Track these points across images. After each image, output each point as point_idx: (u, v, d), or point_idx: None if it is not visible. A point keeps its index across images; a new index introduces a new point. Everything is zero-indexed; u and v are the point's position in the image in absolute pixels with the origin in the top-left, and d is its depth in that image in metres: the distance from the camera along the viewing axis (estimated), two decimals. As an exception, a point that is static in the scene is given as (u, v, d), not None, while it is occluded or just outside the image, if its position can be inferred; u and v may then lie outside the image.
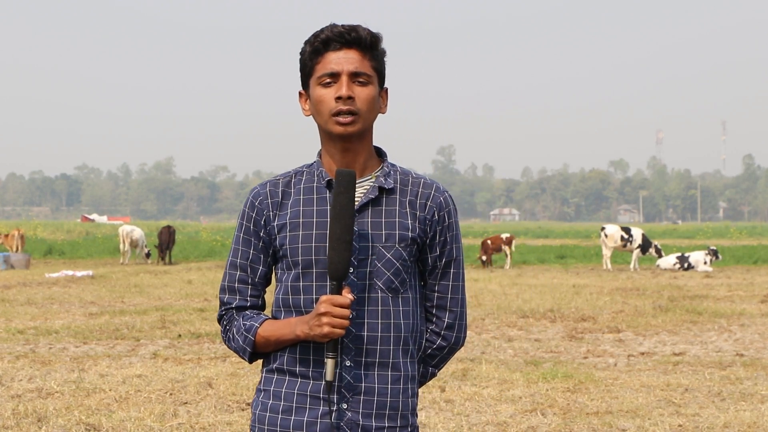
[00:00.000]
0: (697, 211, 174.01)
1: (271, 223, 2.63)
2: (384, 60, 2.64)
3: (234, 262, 2.68)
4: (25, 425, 6.92)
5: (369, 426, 2.55)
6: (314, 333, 2.48)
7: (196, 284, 20.59)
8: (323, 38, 2.57)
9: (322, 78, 2.57)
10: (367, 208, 2.59)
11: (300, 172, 2.67)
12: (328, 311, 2.45)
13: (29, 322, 13.33)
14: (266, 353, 2.64)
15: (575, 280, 22.59)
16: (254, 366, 9.47)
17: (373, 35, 2.59)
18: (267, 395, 2.61)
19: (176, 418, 7.20)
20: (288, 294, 2.60)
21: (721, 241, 51.68)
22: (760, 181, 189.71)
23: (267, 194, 2.65)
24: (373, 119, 2.62)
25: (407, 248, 2.59)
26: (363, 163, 2.62)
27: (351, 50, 2.56)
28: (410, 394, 2.62)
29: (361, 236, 2.56)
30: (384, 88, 2.66)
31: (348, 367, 2.55)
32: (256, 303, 2.68)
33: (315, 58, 2.58)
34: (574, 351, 10.93)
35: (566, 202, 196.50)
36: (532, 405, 7.74)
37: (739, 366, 9.76)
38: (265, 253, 2.66)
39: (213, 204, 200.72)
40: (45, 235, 55.44)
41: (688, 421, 7.20)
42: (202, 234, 55.98)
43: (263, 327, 2.60)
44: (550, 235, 66.43)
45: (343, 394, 2.54)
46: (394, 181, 2.63)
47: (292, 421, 2.56)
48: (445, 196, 2.66)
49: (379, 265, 2.57)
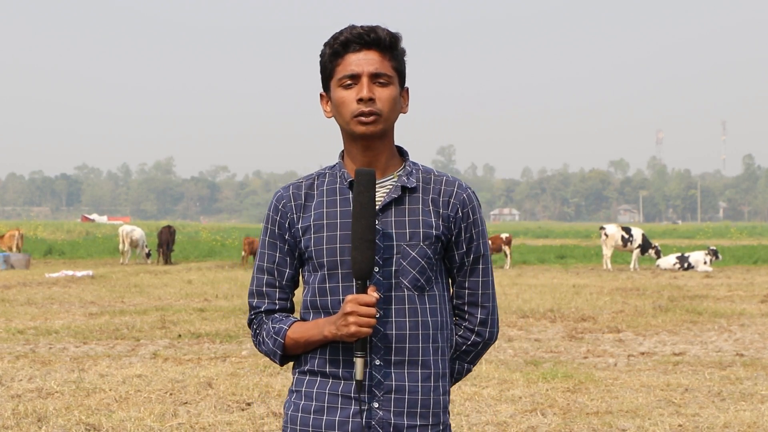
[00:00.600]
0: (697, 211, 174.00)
1: (295, 226, 2.64)
2: (404, 60, 2.65)
3: (261, 266, 2.69)
4: (25, 425, 6.92)
5: (401, 424, 2.57)
6: (341, 333, 2.50)
7: (196, 284, 20.59)
8: (342, 40, 2.57)
9: (343, 80, 2.57)
10: (391, 208, 2.60)
11: (323, 174, 2.68)
12: (354, 310, 2.47)
13: (29, 322, 13.33)
14: (297, 355, 2.65)
15: (575, 280, 22.59)
16: (254, 366, 9.47)
17: (392, 35, 2.59)
18: (299, 396, 2.63)
19: (176, 418, 7.20)
20: (315, 295, 2.61)
21: (721, 241, 51.69)
22: (760, 181, 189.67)
23: (290, 197, 2.66)
24: (395, 119, 2.63)
25: (432, 246, 2.60)
26: (385, 162, 2.63)
27: (371, 51, 2.57)
28: (441, 391, 2.63)
29: (385, 235, 2.58)
30: (405, 87, 2.67)
31: (377, 366, 2.56)
32: (284, 306, 2.70)
33: (335, 60, 2.59)
34: (574, 351, 10.93)
35: (566, 202, 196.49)
36: (532, 405, 7.74)
37: (739, 366, 9.76)
38: (291, 256, 2.67)
39: (213, 204, 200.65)
40: (45, 235, 55.45)
41: (688, 421, 7.20)
42: (202, 234, 56.01)
43: (292, 329, 2.62)
44: (550, 235, 66.44)
45: (373, 393, 2.56)
46: (417, 180, 2.64)
47: (324, 421, 2.57)
48: (468, 192, 2.67)
49: (405, 264, 2.58)
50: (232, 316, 13.98)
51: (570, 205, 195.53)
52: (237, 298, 17.25)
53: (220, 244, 41.99)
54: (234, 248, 37.88)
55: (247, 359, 10.00)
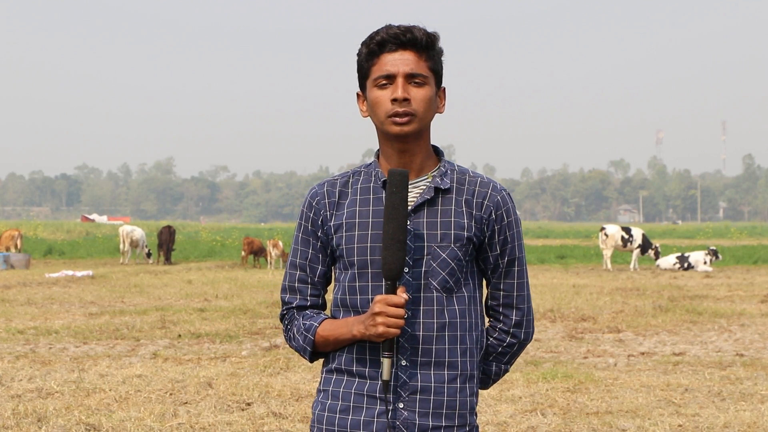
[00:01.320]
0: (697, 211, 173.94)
1: (328, 223, 2.65)
2: (441, 59, 2.63)
3: (294, 262, 2.70)
4: (25, 425, 6.92)
5: (426, 425, 2.57)
6: (370, 333, 2.51)
7: (196, 284, 20.59)
8: (378, 40, 2.57)
9: (378, 80, 2.57)
10: (423, 208, 2.60)
11: (357, 172, 2.69)
12: (382, 311, 2.48)
13: (29, 322, 13.33)
14: (326, 352, 2.66)
15: (575, 280, 22.59)
16: (254, 366, 9.47)
17: (429, 35, 2.59)
18: (326, 395, 2.64)
19: (176, 418, 7.20)
20: (345, 294, 2.62)
21: (721, 241, 51.69)
22: (760, 181, 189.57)
23: (324, 194, 2.67)
24: (430, 119, 2.62)
25: (463, 248, 2.60)
26: (420, 163, 2.63)
27: (407, 51, 2.57)
28: (468, 393, 2.63)
29: (416, 236, 2.57)
30: (441, 87, 2.66)
31: (404, 366, 2.56)
32: (316, 302, 2.71)
33: (371, 59, 2.59)
34: (574, 351, 10.93)
35: (566, 202, 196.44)
36: (532, 405, 7.74)
37: (739, 366, 9.76)
38: (324, 253, 2.68)
39: (213, 204, 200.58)
40: (45, 235, 55.45)
41: (688, 421, 7.20)
42: (202, 234, 56.01)
43: (322, 326, 2.63)
44: (550, 235, 66.43)
45: (399, 393, 2.56)
46: (451, 181, 2.63)
47: (350, 421, 2.58)
48: (503, 194, 2.66)
49: (435, 265, 2.58)
50: (232, 316, 13.98)
51: (570, 205, 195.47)
52: (237, 298, 17.26)
53: (220, 244, 41.99)
54: (234, 248, 37.87)
55: (247, 359, 10.00)
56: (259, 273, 25.39)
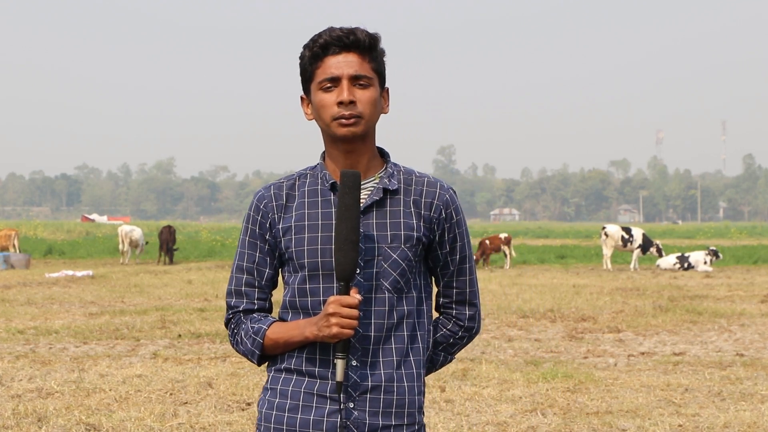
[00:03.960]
0: (697, 211, 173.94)
1: (276, 226, 2.64)
2: (384, 60, 2.65)
3: (240, 266, 2.69)
4: (25, 425, 6.92)
5: (376, 424, 2.58)
6: (323, 334, 2.50)
7: (196, 284, 20.59)
8: (322, 43, 2.57)
9: (323, 83, 2.57)
10: (372, 210, 2.60)
11: (303, 175, 2.68)
12: (336, 312, 2.47)
13: (29, 322, 13.33)
14: (274, 355, 2.65)
15: (575, 280, 22.59)
16: (254, 366, 9.47)
17: (371, 37, 2.59)
18: (274, 394, 2.63)
19: (176, 418, 7.20)
20: (295, 296, 2.62)
21: (721, 241, 51.67)
22: (760, 181, 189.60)
23: (271, 197, 2.66)
24: (376, 120, 2.63)
25: (413, 248, 2.61)
26: (366, 164, 2.63)
27: (350, 53, 2.57)
28: (417, 391, 2.64)
29: (366, 237, 2.58)
30: (385, 88, 2.67)
31: (354, 366, 2.57)
32: (263, 306, 2.70)
33: (315, 62, 2.59)
34: (574, 351, 10.93)
35: (566, 202, 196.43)
36: (532, 405, 7.74)
37: (739, 366, 9.76)
38: (272, 256, 2.67)
39: (213, 204, 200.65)
40: (45, 235, 55.43)
41: (688, 421, 7.20)
42: (202, 234, 56.01)
43: (271, 329, 2.62)
44: (550, 235, 66.42)
45: (349, 393, 2.57)
46: (398, 182, 2.64)
47: (299, 420, 2.58)
48: (450, 193, 2.68)
49: (386, 266, 2.58)
50: (232, 316, 13.97)
51: (570, 205, 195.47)
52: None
53: (220, 244, 41.97)
54: (234, 248, 37.87)
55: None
56: (259, 273, 25.36)
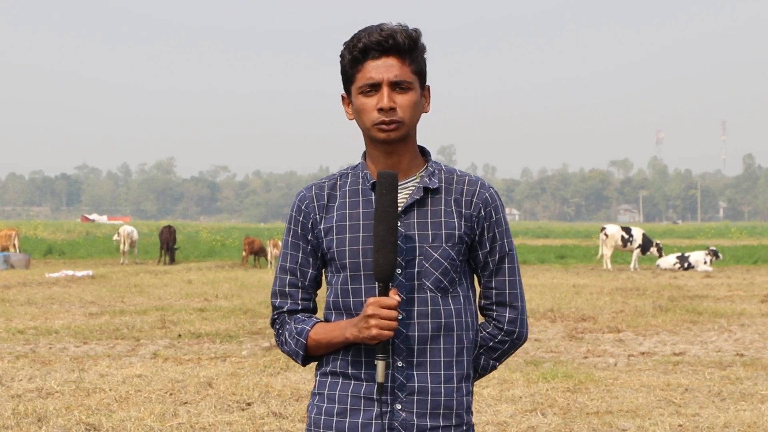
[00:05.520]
0: (697, 211, 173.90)
1: (318, 226, 2.63)
2: (424, 58, 2.62)
3: (284, 266, 2.68)
4: (25, 425, 6.92)
5: (424, 425, 2.56)
6: (363, 335, 2.49)
7: (196, 284, 20.59)
8: (361, 47, 2.55)
9: (363, 87, 2.56)
10: (413, 209, 2.59)
11: (345, 174, 2.67)
12: (375, 313, 2.47)
13: (29, 322, 13.33)
14: (319, 356, 2.65)
15: (575, 280, 22.58)
16: (254, 366, 9.47)
17: (411, 39, 2.56)
18: (321, 398, 2.63)
19: (176, 418, 7.20)
20: (338, 297, 2.61)
21: (721, 241, 51.67)
22: (760, 181, 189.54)
23: (313, 197, 2.65)
24: (417, 122, 2.61)
25: (455, 247, 2.59)
26: (407, 164, 2.62)
27: (390, 57, 2.55)
28: (464, 392, 2.62)
29: (407, 237, 2.57)
30: (426, 86, 2.65)
31: (400, 367, 2.56)
32: (307, 306, 2.69)
33: (355, 66, 2.57)
34: (574, 351, 10.93)
35: (566, 202, 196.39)
36: (532, 405, 7.74)
37: (739, 366, 9.76)
38: (314, 256, 2.66)
39: (213, 204, 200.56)
40: (45, 235, 55.43)
41: (688, 421, 7.20)
42: (202, 234, 56.01)
43: (314, 330, 2.62)
44: (550, 235, 66.40)
45: (396, 394, 2.56)
46: (439, 181, 2.63)
47: (348, 423, 2.57)
48: (491, 192, 2.66)
49: (427, 266, 2.57)
50: (232, 316, 13.98)
51: (570, 205, 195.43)
52: (237, 298, 17.26)
53: (220, 244, 41.97)
54: (234, 248, 37.88)
55: (247, 359, 10.00)
56: (259, 273, 25.39)
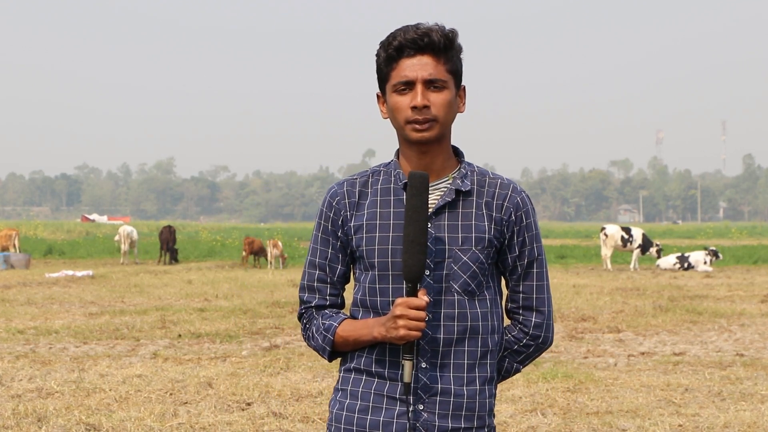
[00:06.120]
0: (697, 211, 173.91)
1: (348, 223, 2.63)
2: (460, 58, 2.61)
3: (313, 262, 2.69)
4: (25, 425, 6.92)
5: (445, 427, 2.57)
6: (390, 335, 2.50)
7: (196, 284, 20.60)
8: (396, 45, 2.55)
9: (398, 85, 2.55)
10: (444, 211, 2.59)
11: (377, 172, 2.67)
12: (403, 314, 2.47)
13: (29, 322, 13.33)
14: (345, 352, 2.65)
15: (575, 280, 22.59)
16: (254, 366, 9.47)
17: (447, 38, 2.56)
18: (344, 394, 2.64)
19: (176, 418, 7.20)
20: (366, 295, 2.61)
21: (721, 241, 51.67)
22: (760, 181, 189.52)
23: (344, 194, 2.65)
24: (451, 121, 2.61)
25: (484, 251, 2.59)
26: (440, 165, 2.62)
27: (425, 56, 2.55)
28: (487, 395, 2.63)
29: (437, 239, 2.56)
30: (461, 86, 2.64)
31: (424, 368, 2.56)
32: (335, 302, 2.70)
33: (390, 64, 2.57)
34: (574, 351, 10.93)
35: (566, 202, 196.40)
36: (532, 405, 7.74)
37: (739, 366, 9.76)
38: (344, 253, 2.66)
39: (213, 204, 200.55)
40: (45, 235, 55.44)
41: (688, 421, 7.20)
42: (202, 234, 56.02)
43: (342, 327, 2.62)
44: (550, 235, 66.40)
45: (419, 395, 2.56)
46: (471, 183, 2.62)
47: (369, 421, 2.58)
48: (523, 196, 2.66)
49: (456, 268, 2.57)
50: (232, 316, 13.98)
51: (570, 205, 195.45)
52: (237, 298, 17.26)
53: (220, 244, 41.98)
54: (234, 248, 37.88)
55: (247, 359, 10.00)
56: (259, 273, 25.39)
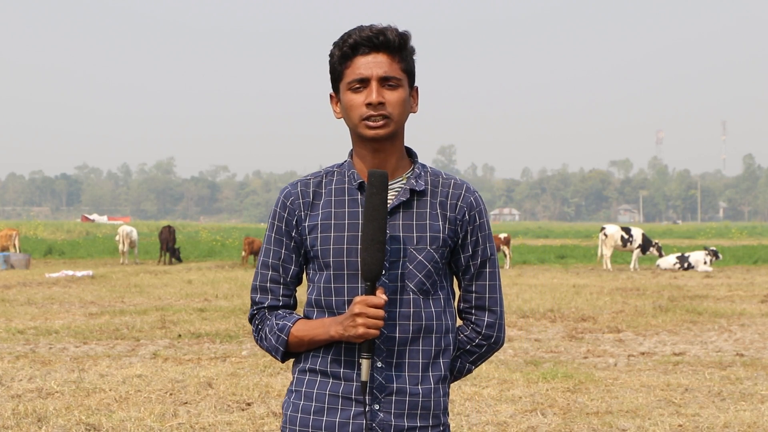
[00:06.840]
0: (698, 211, 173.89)
1: (302, 224, 2.63)
2: (413, 59, 2.63)
3: (266, 262, 2.68)
4: (25, 425, 6.92)
5: (401, 426, 2.57)
6: (349, 334, 2.49)
7: (196, 284, 20.59)
8: (351, 43, 2.55)
9: (352, 83, 2.56)
10: (399, 211, 2.59)
11: (331, 172, 2.67)
12: (362, 312, 2.46)
13: (29, 322, 13.33)
14: (298, 353, 2.65)
15: (575, 280, 22.59)
16: (254, 366, 9.47)
17: (401, 37, 2.57)
18: (298, 396, 2.63)
19: (176, 418, 7.20)
20: (321, 295, 2.61)
21: (721, 241, 51.68)
22: (760, 181, 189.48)
23: (298, 194, 2.65)
24: (404, 121, 2.62)
25: (439, 250, 2.60)
26: (394, 164, 2.62)
27: (380, 54, 2.56)
28: (441, 393, 2.63)
29: (392, 238, 2.57)
30: (414, 87, 2.65)
31: (379, 368, 2.56)
32: (288, 302, 2.69)
33: (344, 62, 2.57)
34: (574, 351, 10.93)
35: (566, 202, 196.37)
36: (532, 405, 7.74)
37: (739, 366, 9.76)
38: (297, 253, 2.66)
39: (213, 204, 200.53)
40: (45, 235, 55.45)
41: (688, 421, 7.20)
42: (202, 234, 56.03)
43: (296, 327, 2.61)
44: (550, 235, 66.42)
45: (375, 395, 2.56)
46: (425, 183, 2.63)
47: (325, 422, 2.57)
48: (476, 196, 2.66)
49: (411, 267, 2.57)
50: (232, 316, 13.98)
51: (570, 205, 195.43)
52: (237, 298, 17.25)
53: (220, 244, 42.00)
54: (234, 248, 37.89)
55: (247, 359, 10.00)
56: (259, 273, 25.36)
